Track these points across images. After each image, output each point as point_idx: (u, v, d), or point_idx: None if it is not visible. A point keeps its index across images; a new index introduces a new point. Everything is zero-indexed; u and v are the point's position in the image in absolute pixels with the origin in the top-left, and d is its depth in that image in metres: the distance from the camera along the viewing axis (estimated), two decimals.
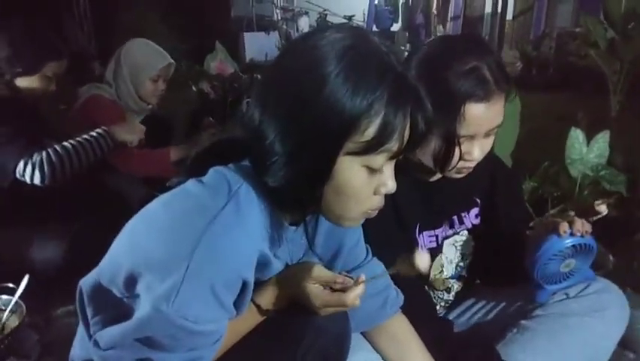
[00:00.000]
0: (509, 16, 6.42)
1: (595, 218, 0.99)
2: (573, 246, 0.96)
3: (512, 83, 0.95)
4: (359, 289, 0.77)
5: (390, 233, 0.98)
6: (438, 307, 1.16)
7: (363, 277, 0.78)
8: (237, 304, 0.70)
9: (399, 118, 0.65)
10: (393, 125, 0.65)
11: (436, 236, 1.08)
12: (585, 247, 0.97)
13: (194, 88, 2.25)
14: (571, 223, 0.96)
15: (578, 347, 1.01)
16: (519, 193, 1.33)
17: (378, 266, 0.95)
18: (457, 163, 0.96)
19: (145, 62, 1.73)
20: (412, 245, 1.07)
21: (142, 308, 0.63)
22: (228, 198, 0.67)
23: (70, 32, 4.09)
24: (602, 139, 1.50)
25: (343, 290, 0.77)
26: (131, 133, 1.53)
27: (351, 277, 0.80)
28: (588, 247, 0.97)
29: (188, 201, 0.68)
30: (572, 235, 0.95)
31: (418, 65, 0.94)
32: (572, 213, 1.02)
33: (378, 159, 0.67)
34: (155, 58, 1.75)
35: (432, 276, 1.12)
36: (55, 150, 1.37)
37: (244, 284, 0.68)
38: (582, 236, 0.95)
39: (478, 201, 1.13)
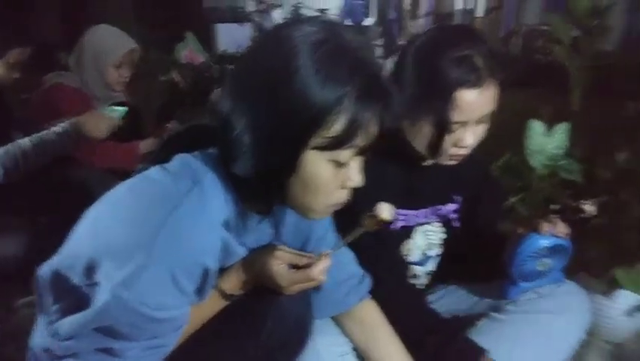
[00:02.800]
0: (480, 12, 6.52)
1: (578, 217, 1.02)
2: (552, 246, 1.00)
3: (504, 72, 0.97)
4: (324, 263, 0.78)
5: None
6: None
7: (326, 251, 0.79)
8: (200, 291, 0.71)
9: (367, 115, 0.66)
10: (361, 122, 0.66)
11: (407, 217, 1.11)
12: (561, 248, 1.01)
13: (163, 77, 2.22)
14: (552, 224, 1.00)
15: (542, 341, 1.07)
16: (502, 199, 1.38)
17: (348, 254, 0.96)
18: (450, 150, 0.98)
19: (107, 47, 1.70)
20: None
21: (101, 296, 0.63)
22: (192, 186, 0.67)
23: (35, 19, 3.98)
24: (561, 130, 1.56)
25: (308, 267, 0.78)
26: (99, 128, 1.45)
27: (315, 255, 0.81)
28: (564, 248, 1.01)
29: (151, 188, 0.68)
30: (552, 235, 0.99)
31: (414, 53, 0.97)
32: (556, 210, 1.06)
33: (345, 154, 0.68)
34: (116, 43, 1.72)
35: None
36: (11, 149, 1.31)
37: (206, 272, 0.69)
38: (560, 238, 1.00)
39: (458, 198, 1.17)
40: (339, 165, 0.69)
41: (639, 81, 2.64)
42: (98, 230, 0.67)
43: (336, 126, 0.65)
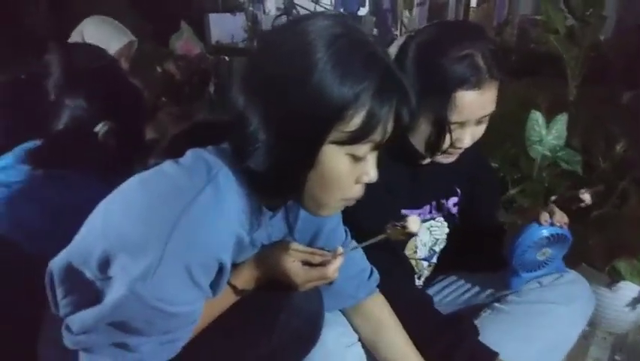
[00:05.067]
0: (473, 3, 6.51)
1: (576, 207, 1.03)
2: (551, 235, 1.01)
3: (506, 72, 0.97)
4: (338, 262, 0.79)
5: (378, 210, 1.00)
6: None
7: (340, 250, 0.80)
8: (214, 286, 0.71)
9: (384, 110, 0.66)
10: (379, 117, 0.66)
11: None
12: (561, 238, 1.02)
13: (159, 69, 2.20)
14: (551, 213, 1.01)
15: (545, 332, 1.08)
16: (498, 188, 1.39)
17: (358, 250, 0.96)
18: (448, 149, 0.98)
19: (104, 40, 1.67)
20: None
21: (116, 290, 0.63)
22: (207, 181, 0.67)
23: (25, 9, 3.91)
24: (561, 121, 1.56)
25: (322, 264, 0.78)
26: None
27: (328, 251, 0.82)
28: (564, 237, 1.02)
29: (166, 182, 0.68)
30: (551, 224, 0.99)
31: (415, 49, 0.95)
32: (553, 203, 1.07)
33: (363, 149, 0.68)
34: (115, 36, 1.69)
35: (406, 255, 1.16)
36: None
37: (221, 267, 0.69)
38: (560, 227, 1.00)
39: (459, 191, 1.17)
40: (357, 159, 0.69)
41: (635, 70, 2.65)
42: (113, 224, 0.66)
43: (355, 121, 0.65)
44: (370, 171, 0.72)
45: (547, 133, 1.55)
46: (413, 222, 0.78)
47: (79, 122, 0.94)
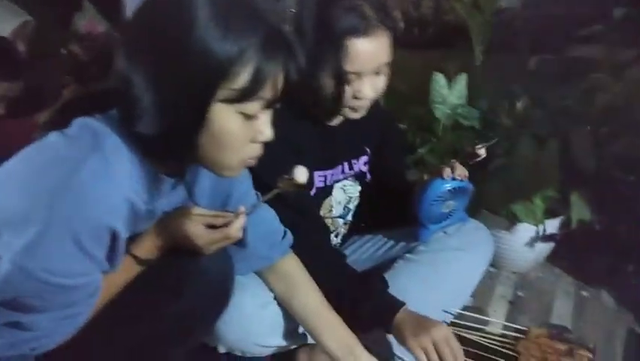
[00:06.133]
0: None
1: (474, 161, 1.09)
2: (453, 188, 1.07)
3: (398, 24, 1.01)
4: (240, 221, 0.79)
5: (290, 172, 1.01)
6: None
7: (242, 209, 0.80)
8: (111, 257, 0.69)
9: (271, 65, 0.66)
10: (266, 73, 0.66)
11: (325, 177, 1.15)
12: (463, 190, 1.09)
13: (63, 50, 2.08)
14: (452, 168, 1.07)
15: (451, 276, 1.17)
16: (404, 145, 1.45)
17: (270, 211, 0.98)
18: (351, 102, 1.00)
19: None
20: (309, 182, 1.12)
21: (1, 267, 0.60)
22: (93, 148, 0.65)
23: None
24: (461, 81, 1.65)
25: (225, 225, 0.78)
26: None
27: (231, 212, 0.82)
28: (465, 189, 1.09)
29: (49, 152, 0.65)
30: (453, 178, 1.06)
31: (309, 2, 0.98)
32: (453, 159, 1.12)
33: (253, 107, 0.68)
34: (6, 17, 1.58)
35: (322, 214, 1.19)
36: None
37: (114, 236, 0.67)
38: (461, 180, 1.06)
39: (368, 150, 1.21)
40: (248, 117, 0.69)
41: (539, 36, 2.82)
42: None
43: (242, 78, 0.65)
44: (265, 130, 0.72)
45: (449, 94, 1.63)
46: (300, 173, 0.80)
47: None
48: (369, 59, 0.98)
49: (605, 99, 1.68)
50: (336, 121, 1.12)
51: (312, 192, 1.15)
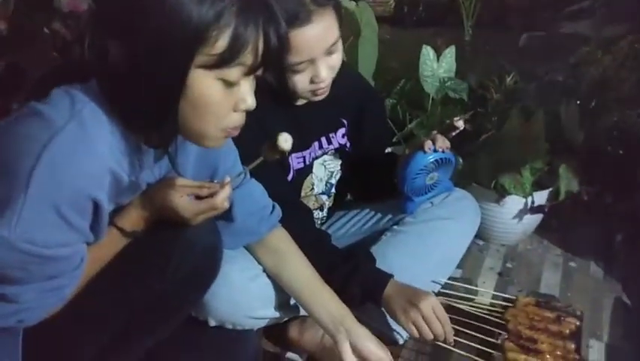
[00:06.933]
0: None
1: (454, 133, 1.09)
2: (436, 160, 1.07)
3: None
4: (226, 191, 0.79)
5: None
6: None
7: (228, 179, 0.80)
8: (94, 228, 0.69)
9: (250, 30, 0.65)
10: (245, 37, 0.64)
11: (304, 157, 1.13)
12: (446, 161, 1.09)
13: (46, 30, 2.04)
14: (433, 141, 1.07)
15: (439, 245, 1.18)
16: (384, 114, 1.43)
17: (257, 186, 0.97)
18: (310, 87, 0.98)
19: None
20: (284, 166, 1.11)
21: None
22: (70, 117, 0.64)
23: None
24: (449, 54, 1.64)
25: (211, 196, 0.78)
26: None
27: (216, 183, 0.82)
28: (448, 160, 1.09)
29: (25, 122, 0.64)
30: (435, 151, 1.05)
31: None
32: (435, 131, 1.11)
33: (233, 73, 0.66)
34: None
35: (303, 194, 1.18)
36: None
37: (97, 206, 0.66)
38: (443, 152, 1.06)
39: (345, 122, 1.20)
40: (229, 84, 0.68)
41: (529, 13, 2.81)
42: None
43: (220, 42, 0.64)
44: (247, 98, 0.71)
45: (438, 67, 1.62)
46: (284, 140, 0.79)
47: None
48: (317, 44, 0.93)
49: (594, 74, 1.69)
50: (301, 101, 1.09)
51: (291, 174, 1.14)
